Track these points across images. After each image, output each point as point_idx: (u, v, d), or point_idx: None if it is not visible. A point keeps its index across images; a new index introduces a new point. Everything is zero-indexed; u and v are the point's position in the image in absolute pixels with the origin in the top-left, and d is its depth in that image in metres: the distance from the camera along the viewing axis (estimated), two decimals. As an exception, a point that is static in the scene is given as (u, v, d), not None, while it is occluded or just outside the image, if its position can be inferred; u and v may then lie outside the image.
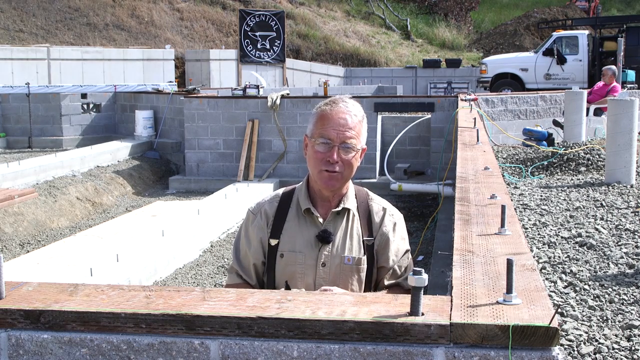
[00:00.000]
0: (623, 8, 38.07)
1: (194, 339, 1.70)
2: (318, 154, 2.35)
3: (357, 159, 2.39)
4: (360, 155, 2.42)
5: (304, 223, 2.42)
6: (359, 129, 2.37)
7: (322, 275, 2.38)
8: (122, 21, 25.16)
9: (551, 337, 1.58)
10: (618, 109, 7.18)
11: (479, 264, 2.24)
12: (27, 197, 10.31)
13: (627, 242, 4.81)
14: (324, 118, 2.35)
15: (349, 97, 2.46)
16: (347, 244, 2.41)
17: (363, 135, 2.41)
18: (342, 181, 2.38)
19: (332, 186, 2.37)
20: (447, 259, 5.72)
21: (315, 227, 2.41)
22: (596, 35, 20.84)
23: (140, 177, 13.63)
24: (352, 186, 2.50)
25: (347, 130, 2.33)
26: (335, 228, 2.41)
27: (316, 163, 2.35)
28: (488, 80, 19.97)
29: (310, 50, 28.79)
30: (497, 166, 5.49)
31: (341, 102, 2.38)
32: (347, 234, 2.42)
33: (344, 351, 1.66)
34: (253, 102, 13.67)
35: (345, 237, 2.41)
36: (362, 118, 2.41)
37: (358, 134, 2.37)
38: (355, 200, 2.47)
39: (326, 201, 2.43)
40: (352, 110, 2.37)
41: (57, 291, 1.87)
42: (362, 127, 2.40)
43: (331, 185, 2.37)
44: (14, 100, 16.05)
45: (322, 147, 2.34)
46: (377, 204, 2.50)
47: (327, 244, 2.38)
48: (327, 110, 2.36)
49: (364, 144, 2.42)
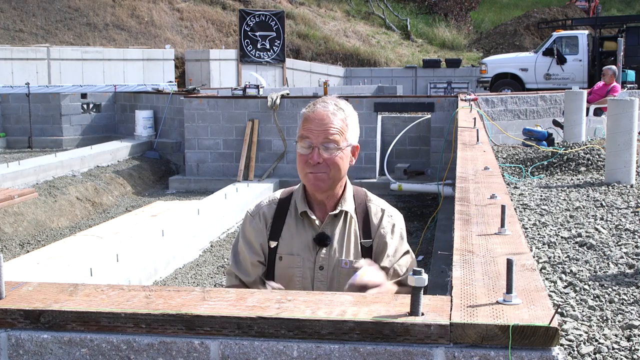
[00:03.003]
0: (623, 8, 38.07)
1: (193, 339, 1.70)
2: (301, 156, 2.33)
3: (342, 157, 2.32)
4: (353, 153, 2.38)
5: (302, 226, 2.40)
6: (342, 126, 2.31)
7: (320, 279, 2.36)
8: (122, 21, 25.16)
9: (551, 337, 1.58)
10: (618, 109, 7.19)
11: (479, 264, 2.24)
12: (27, 197, 10.31)
13: (627, 242, 4.81)
14: (305, 120, 2.33)
15: (336, 96, 2.43)
16: (344, 247, 2.38)
17: (350, 132, 2.35)
18: (329, 182, 2.33)
19: (319, 187, 2.33)
20: (447, 259, 5.72)
21: (313, 230, 2.39)
22: (596, 35, 20.84)
23: (140, 177, 13.63)
24: (350, 187, 2.46)
25: (327, 129, 2.28)
26: (332, 231, 2.39)
27: (301, 166, 2.34)
28: (488, 80, 19.97)
29: (310, 50, 28.79)
30: (497, 166, 5.49)
31: (320, 102, 2.34)
32: (344, 236, 2.39)
33: (344, 351, 1.66)
34: (253, 102, 13.67)
35: (342, 240, 2.39)
36: (348, 115, 2.34)
37: (341, 131, 2.31)
38: (354, 201, 2.44)
39: (322, 204, 2.41)
40: (332, 109, 2.31)
41: (57, 291, 1.87)
42: (349, 124, 2.33)
43: (318, 186, 2.33)
44: (14, 100, 16.05)
45: (304, 150, 2.32)
46: (375, 205, 2.46)
47: (324, 247, 2.36)
48: (307, 113, 2.34)
49: (353, 141, 2.36)
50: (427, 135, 13.22)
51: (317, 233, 2.37)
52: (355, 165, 2.53)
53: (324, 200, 2.39)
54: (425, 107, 13.39)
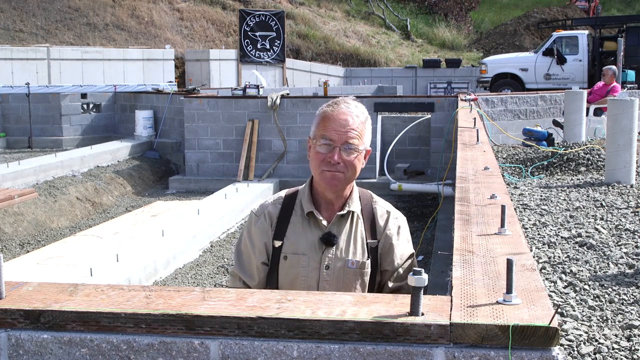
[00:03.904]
0: (623, 8, 38.06)
1: (194, 339, 1.70)
2: (319, 155, 2.33)
3: (359, 160, 2.36)
4: (365, 157, 2.39)
5: (308, 226, 2.40)
6: (362, 129, 2.34)
7: (326, 278, 2.36)
8: (122, 21, 25.15)
9: (551, 337, 1.58)
10: (618, 109, 7.19)
11: (479, 264, 2.24)
12: (27, 197, 10.31)
13: (627, 242, 4.81)
14: (326, 119, 2.33)
15: (353, 98, 2.44)
16: (350, 248, 2.38)
17: (367, 136, 2.37)
18: (344, 182, 2.36)
19: (335, 186, 2.35)
20: (447, 259, 5.73)
21: (319, 230, 2.39)
22: (596, 35, 20.84)
23: (140, 177, 13.63)
24: (356, 189, 2.47)
25: (349, 131, 2.30)
26: (339, 231, 2.39)
27: (318, 164, 2.34)
28: (488, 80, 19.97)
29: (310, 50, 28.79)
30: (497, 166, 5.49)
31: (343, 103, 2.36)
32: (351, 237, 2.40)
33: (344, 351, 1.66)
34: (253, 102, 13.67)
35: (349, 240, 2.39)
36: (366, 119, 2.37)
37: (360, 134, 2.33)
38: (360, 203, 2.45)
39: (330, 204, 2.41)
40: (354, 111, 2.34)
41: (57, 291, 1.87)
42: (366, 128, 2.37)
43: (334, 185, 2.34)
44: (14, 100, 16.04)
45: (324, 149, 2.32)
46: (381, 207, 2.47)
47: (331, 247, 2.37)
48: (328, 112, 2.34)
49: (367, 145, 2.39)
50: (427, 135, 13.22)
51: (324, 233, 2.37)
52: (355, 165, 2.53)
53: (333, 200, 2.40)
54: (425, 107, 13.39)
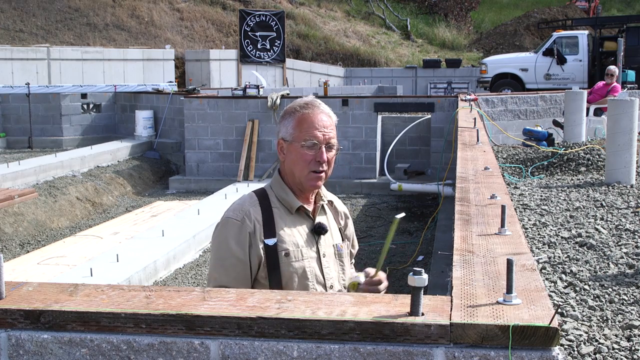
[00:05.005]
0: (623, 8, 38.06)
1: (194, 339, 1.70)
2: (306, 155, 2.43)
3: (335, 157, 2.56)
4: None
5: (296, 220, 2.49)
6: (334, 128, 2.53)
7: (326, 265, 2.49)
8: (122, 21, 25.15)
9: (551, 337, 1.58)
10: (618, 109, 7.19)
11: (479, 264, 2.24)
12: (27, 197, 10.31)
13: (627, 242, 4.81)
14: (306, 120, 2.45)
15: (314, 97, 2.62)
16: (334, 233, 2.57)
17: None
18: (325, 180, 2.52)
19: (318, 186, 2.50)
20: (447, 259, 5.72)
21: (307, 222, 2.50)
22: (596, 35, 20.84)
23: (140, 177, 13.63)
24: None
25: (330, 131, 2.47)
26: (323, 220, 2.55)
27: (305, 165, 2.44)
28: (488, 80, 19.97)
29: (310, 50, 28.79)
30: (497, 166, 5.49)
31: (316, 103, 2.50)
32: (329, 224, 2.57)
33: (344, 351, 1.66)
34: (253, 102, 13.67)
35: (331, 227, 2.57)
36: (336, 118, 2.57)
37: (335, 133, 2.52)
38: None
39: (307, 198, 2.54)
40: (328, 111, 2.52)
41: (57, 291, 1.87)
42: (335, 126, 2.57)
43: (317, 185, 2.49)
44: (14, 100, 16.04)
45: (311, 149, 2.43)
46: (331, 194, 2.68)
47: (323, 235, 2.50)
48: (307, 113, 2.46)
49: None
50: (427, 135, 13.22)
51: (315, 224, 2.50)
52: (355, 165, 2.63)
53: (310, 195, 2.54)
54: (425, 108, 13.38)
